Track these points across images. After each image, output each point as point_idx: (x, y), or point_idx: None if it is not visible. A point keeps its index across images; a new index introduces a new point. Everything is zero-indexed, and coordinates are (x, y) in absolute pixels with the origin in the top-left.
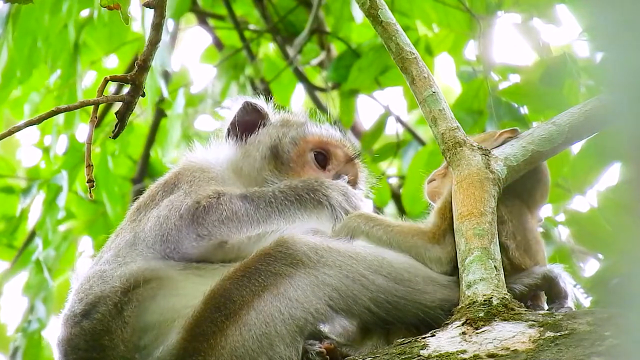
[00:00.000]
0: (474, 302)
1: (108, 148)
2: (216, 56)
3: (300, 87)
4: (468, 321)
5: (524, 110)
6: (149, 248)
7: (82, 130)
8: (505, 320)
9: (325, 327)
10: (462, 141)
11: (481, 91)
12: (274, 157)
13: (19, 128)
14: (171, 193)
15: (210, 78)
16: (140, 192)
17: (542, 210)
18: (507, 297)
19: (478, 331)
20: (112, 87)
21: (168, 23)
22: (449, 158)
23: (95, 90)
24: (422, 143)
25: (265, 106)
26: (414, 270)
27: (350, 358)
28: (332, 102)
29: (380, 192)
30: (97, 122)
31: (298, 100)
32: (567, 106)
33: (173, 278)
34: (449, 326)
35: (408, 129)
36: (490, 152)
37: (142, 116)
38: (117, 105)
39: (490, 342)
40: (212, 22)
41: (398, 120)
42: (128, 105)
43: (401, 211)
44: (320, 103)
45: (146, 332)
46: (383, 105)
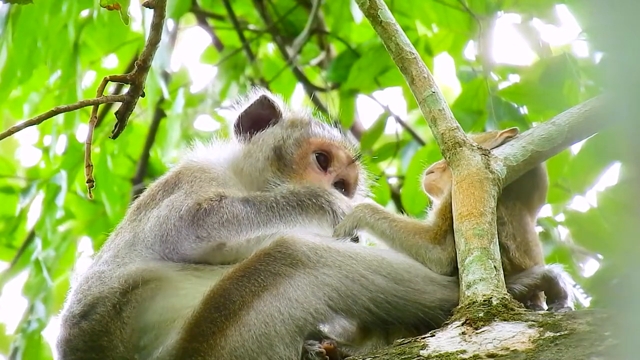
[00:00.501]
0: (474, 302)
1: (107, 148)
2: (216, 56)
3: (299, 87)
4: (468, 321)
5: (524, 110)
6: (148, 248)
7: (82, 130)
8: (505, 320)
9: (325, 327)
10: (462, 141)
11: (481, 91)
12: (277, 159)
13: (19, 128)
14: (172, 193)
15: (210, 78)
16: (139, 192)
17: (541, 211)
18: (507, 297)
19: (478, 331)
20: (112, 87)
21: (168, 23)
22: (449, 158)
23: (94, 90)
24: (422, 143)
25: (281, 104)
26: (414, 270)
27: (350, 358)
28: (332, 102)
29: (380, 192)
30: (97, 122)
31: (297, 100)
32: (567, 106)
33: (172, 278)
34: (449, 326)
35: (408, 129)
36: (490, 152)
37: (142, 116)
38: (117, 105)
39: (490, 342)
40: (212, 22)
41: (398, 120)
42: (128, 105)
43: (401, 211)
44: (320, 103)
45: (145, 333)
46: (383, 105)
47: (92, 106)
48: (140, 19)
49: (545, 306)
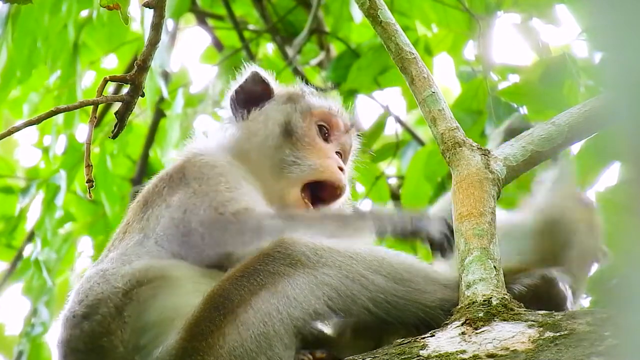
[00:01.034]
0: (474, 302)
1: (107, 148)
2: (215, 56)
3: None
4: (467, 321)
5: (524, 110)
6: (158, 246)
7: (82, 130)
8: (504, 320)
9: (324, 327)
10: (462, 141)
11: (480, 91)
12: (288, 134)
13: (18, 128)
14: (178, 188)
15: (209, 78)
16: (139, 193)
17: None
18: (507, 297)
19: (477, 331)
20: (111, 87)
21: (167, 23)
22: (449, 158)
23: (94, 90)
24: (422, 143)
25: (272, 80)
26: (414, 270)
27: (349, 358)
28: None
29: (379, 192)
30: (97, 122)
31: None
32: (567, 106)
33: (176, 277)
34: (449, 326)
35: (407, 129)
36: (489, 152)
37: (142, 116)
38: (117, 105)
39: (489, 342)
40: (212, 22)
41: (397, 120)
42: (127, 105)
43: None
44: None
45: (145, 332)
46: (382, 105)
47: (92, 106)
48: (139, 19)
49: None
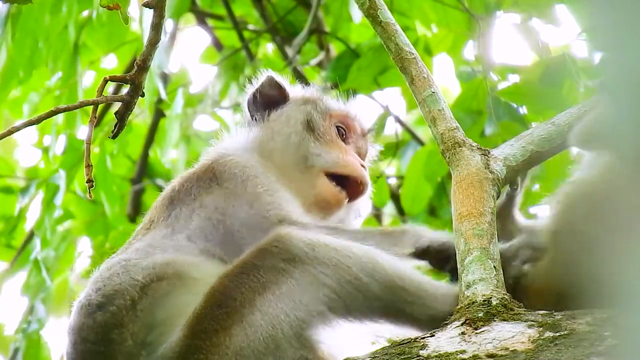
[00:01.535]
0: (473, 302)
1: (107, 148)
2: (215, 56)
3: None
4: (467, 321)
5: (523, 110)
6: (190, 241)
7: (82, 130)
8: (504, 320)
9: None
10: (462, 141)
11: (480, 91)
12: (310, 129)
13: (18, 128)
14: (210, 189)
15: (209, 78)
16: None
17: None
18: (507, 297)
19: (477, 331)
20: (111, 87)
21: (167, 23)
22: (448, 158)
23: (94, 90)
24: (421, 143)
25: (287, 85)
26: (407, 279)
27: (348, 357)
28: None
29: (379, 193)
30: (97, 122)
31: None
32: (567, 106)
33: (193, 278)
34: (448, 326)
35: (407, 129)
36: (489, 152)
37: (141, 116)
38: (116, 105)
39: (489, 342)
40: (211, 22)
41: (397, 120)
42: (127, 105)
43: (400, 211)
44: None
45: (154, 328)
46: (382, 105)
47: (92, 106)
48: (138, 19)
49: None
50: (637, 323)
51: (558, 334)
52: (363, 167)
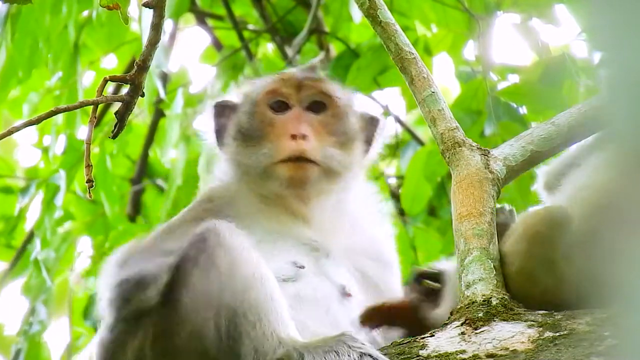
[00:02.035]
0: (473, 302)
1: (107, 148)
2: (215, 56)
3: None
4: (467, 321)
5: (523, 110)
6: None
7: (82, 130)
8: (504, 320)
9: None
10: (461, 141)
11: (480, 91)
12: (242, 137)
13: (18, 128)
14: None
15: (209, 78)
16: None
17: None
18: (506, 297)
19: (477, 331)
20: (111, 87)
21: (167, 23)
22: (448, 158)
23: (94, 90)
24: (421, 143)
25: (234, 96)
26: (272, 312)
27: None
28: None
29: (379, 193)
30: (97, 122)
31: None
32: (567, 106)
33: None
34: (448, 326)
35: (407, 129)
36: (489, 152)
37: (141, 116)
38: (116, 105)
39: (489, 342)
40: (211, 22)
41: (397, 120)
42: (127, 105)
43: (400, 211)
44: None
45: None
46: (382, 105)
47: (92, 106)
48: (138, 19)
49: None
50: (637, 323)
51: (558, 334)
52: (300, 136)
